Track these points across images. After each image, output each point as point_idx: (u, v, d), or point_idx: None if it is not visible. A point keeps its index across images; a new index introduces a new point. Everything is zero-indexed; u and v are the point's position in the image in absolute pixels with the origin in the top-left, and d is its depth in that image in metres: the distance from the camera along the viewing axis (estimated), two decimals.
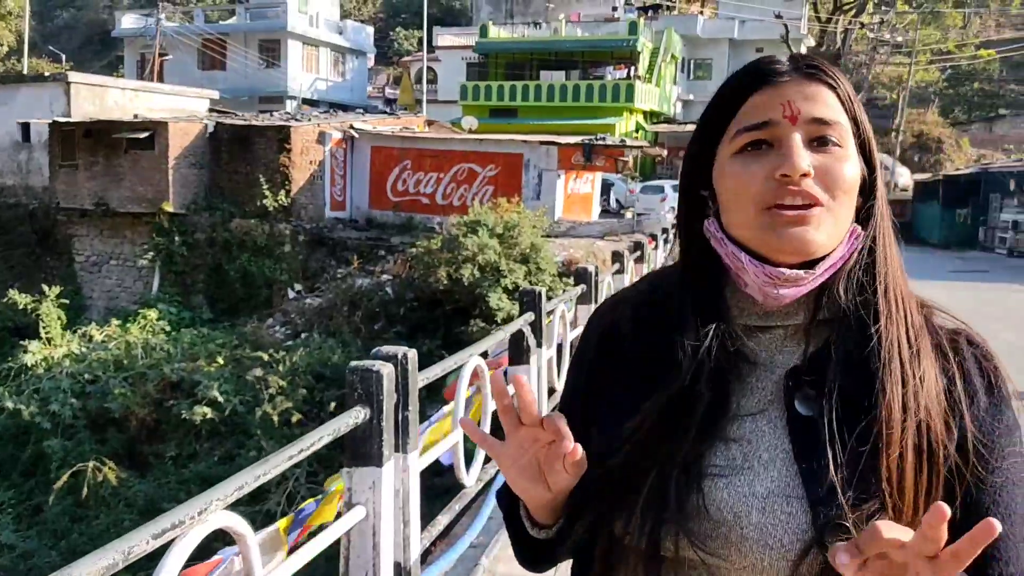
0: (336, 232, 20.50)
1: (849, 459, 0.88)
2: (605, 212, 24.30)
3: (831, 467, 0.87)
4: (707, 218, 0.98)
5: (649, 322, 1.00)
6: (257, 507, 11.34)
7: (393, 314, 17.05)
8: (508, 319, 14.78)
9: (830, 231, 0.92)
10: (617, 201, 29.14)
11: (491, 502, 4.01)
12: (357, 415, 2.44)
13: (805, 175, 0.90)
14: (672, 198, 30.18)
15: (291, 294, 19.58)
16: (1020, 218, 26.13)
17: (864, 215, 0.96)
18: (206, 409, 13.93)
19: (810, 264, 0.92)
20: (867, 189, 0.96)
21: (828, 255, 0.93)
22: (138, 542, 1.52)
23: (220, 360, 15.34)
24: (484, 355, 3.77)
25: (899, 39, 41.96)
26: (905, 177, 34.73)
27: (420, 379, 2.81)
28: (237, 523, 1.85)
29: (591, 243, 17.00)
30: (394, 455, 2.61)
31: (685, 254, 1.02)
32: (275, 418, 14.03)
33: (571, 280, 14.61)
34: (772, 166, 0.91)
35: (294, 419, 14.08)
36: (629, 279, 8.28)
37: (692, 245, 1.01)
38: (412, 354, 2.72)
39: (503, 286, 14.95)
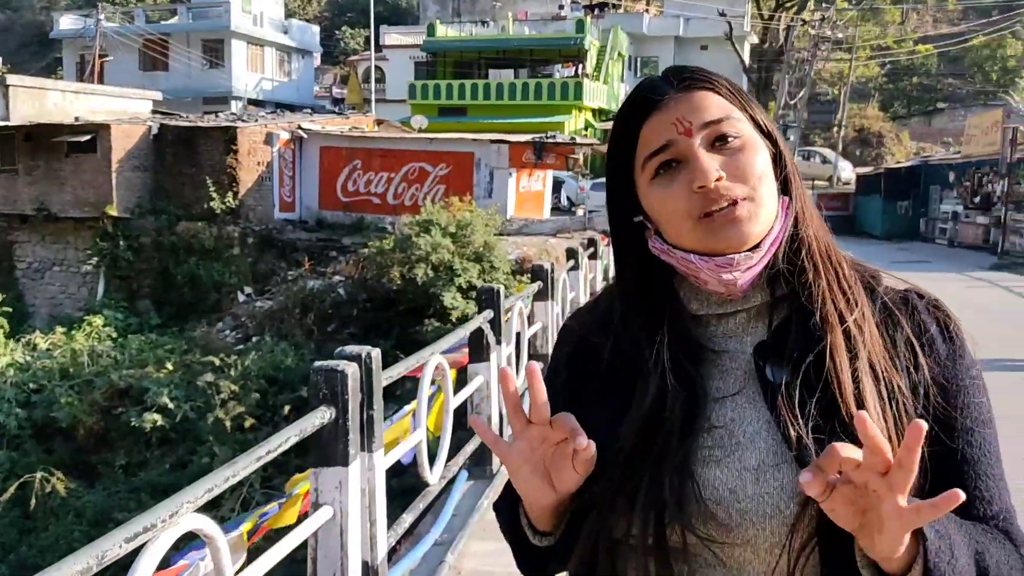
0: (286, 234, 20.27)
1: (821, 415, 0.92)
2: (556, 210, 24.41)
3: (806, 427, 0.91)
4: (649, 238, 1.03)
5: (615, 334, 1.04)
6: (211, 513, 11.21)
7: (346, 315, 16.94)
8: (463, 318, 14.78)
9: (761, 216, 0.97)
10: (568, 199, 29.28)
11: (454, 499, 4.03)
12: (323, 415, 2.44)
13: (719, 180, 0.95)
14: None
15: (241, 297, 19.31)
16: (959, 209, 26.84)
17: (782, 185, 1.01)
18: (156, 416, 13.70)
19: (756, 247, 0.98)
20: (779, 160, 1.01)
21: (768, 233, 0.98)
22: (111, 546, 1.51)
23: (169, 366, 15.10)
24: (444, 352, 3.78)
25: (840, 35, 42.78)
26: (848, 171, 35.45)
27: (383, 378, 2.82)
28: (207, 525, 1.85)
29: (544, 241, 17.07)
30: (360, 454, 2.61)
31: (622, 272, 1.07)
32: (228, 423, 13.85)
33: (524, 278, 14.69)
34: (688, 181, 0.96)
35: (247, 424, 13.93)
36: (584, 276, 8.35)
37: (629, 262, 1.06)
38: (376, 353, 2.73)
39: (457, 285, 14.94)
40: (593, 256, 9.45)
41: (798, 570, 0.92)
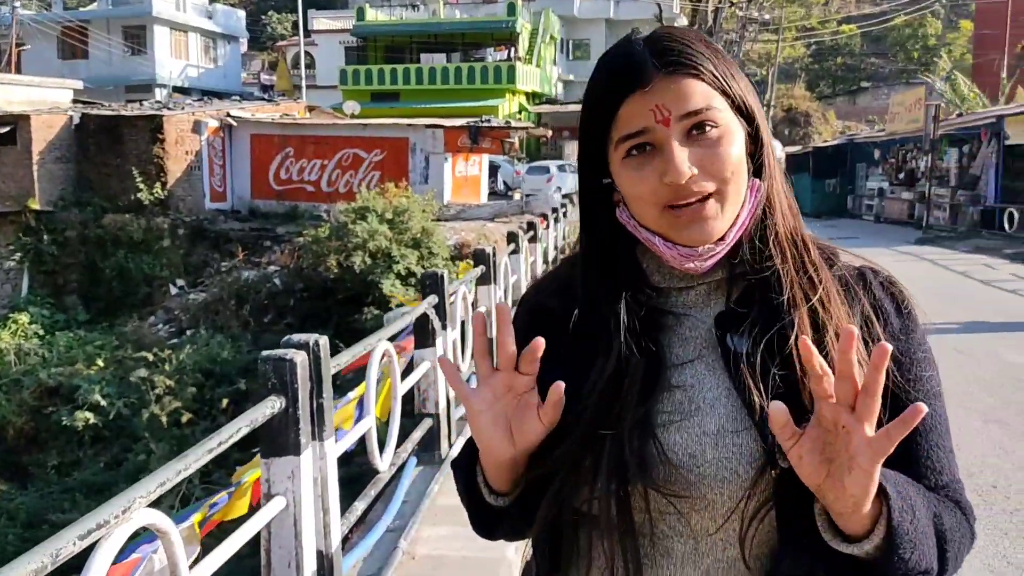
0: (218, 224, 19.85)
1: (782, 386, 0.93)
2: (493, 194, 24.39)
3: (766, 395, 0.93)
4: (617, 206, 1.03)
5: (574, 301, 1.04)
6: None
7: (283, 305, 16.70)
8: (402, 305, 14.70)
9: (727, 212, 0.97)
10: (504, 183, 29.28)
11: (404, 486, 4.02)
12: (273, 405, 2.40)
13: (690, 177, 0.95)
14: (558, 178, 30.55)
15: (173, 290, 18.89)
16: (884, 186, 27.61)
17: (756, 165, 1.02)
18: (88, 414, 13.35)
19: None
20: (755, 139, 1.01)
21: (734, 223, 0.99)
22: (65, 544, 1.46)
23: (100, 362, 14.72)
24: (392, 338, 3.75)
25: (766, 17, 43.47)
26: (779, 150, 35.97)
27: (332, 365, 2.78)
28: (161, 520, 1.80)
29: (482, 225, 17.05)
30: (312, 443, 2.58)
31: (589, 237, 1.07)
32: (164, 419, 13.56)
33: (464, 263, 14.65)
34: (659, 170, 0.95)
35: (184, 419, 13.65)
36: (525, 259, 8.36)
37: (595, 227, 1.06)
38: (324, 341, 2.69)
39: (395, 272, 14.84)
40: (533, 240, 9.46)
41: (751, 534, 0.94)
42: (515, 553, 3.58)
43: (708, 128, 0.96)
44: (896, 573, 0.88)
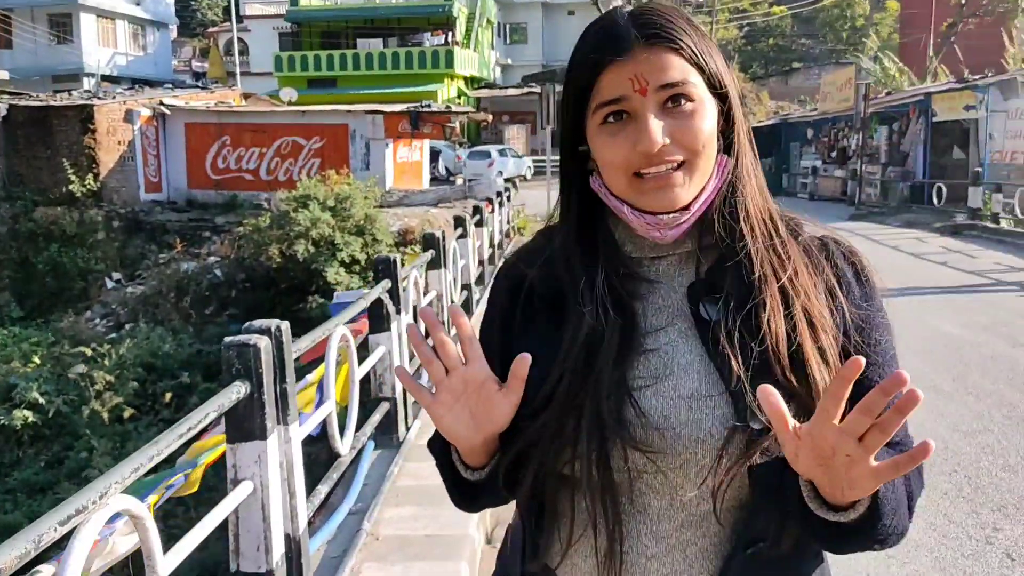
0: (154, 215, 19.44)
1: (751, 352, 0.99)
2: (434, 179, 24.30)
3: (737, 361, 0.98)
4: (590, 174, 1.08)
5: (552, 270, 1.08)
6: None
7: (224, 297, 16.46)
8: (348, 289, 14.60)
9: (694, 182, 1.02)
10: (446, 168, 29.19)
11: (364, 469, 4.04)
12: (239, 390, 2.41)
13: (663, 147, 0.99)
14: (499, 162, 30.56)
15: (109, 284, 18.47)
16: (818, 164, 28.20)
17: (726, 143, 1.07)
18: (26, 413, 13.01)
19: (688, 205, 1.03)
20: (726, 117, 1.06)
21: (700, 194, 1.03)
22: (46, 530, 1.48)
23: (36, 359, 14.35)
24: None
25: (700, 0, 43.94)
26: None
27: (293, 351, 2.80)
28: (135, 506, 1.81)
29: (425, 211, 17.00)
30: (277, 427, 2.59)
31: (568, 203, 1.11)
32: (105, 415, 13.30)
33: (408, 249, 14.61)
34: (632, 138, 1.00)
35: (126, 414, 13.40)
36: (472, 244, 8.39)
37: (573, 194, 1.10)
38: (285, 326, 2.70)
39: (339, 260, 14.73)
40: (479, 224, 9.49)
41: (723, 490, 0.99)
42: (477, 529, 3.64)
43: (683, 101, 1.00)
44: (877, 537, 0.94)
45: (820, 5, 51.54)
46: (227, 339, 2.51)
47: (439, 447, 1.10)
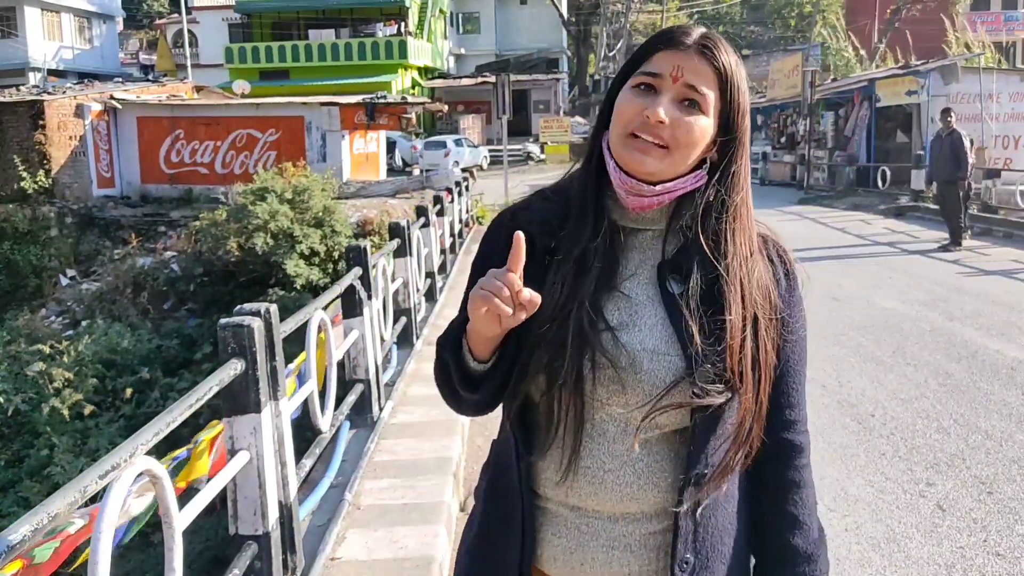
0: (107, 211, 19.27)
1: (705, 323, 1.24)
2: (391, 170, 24.38)
3: (694, 329, 1.23)
4: (604, 137, 1.31)
5: (548, 219, 1.32)
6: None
7: (183, 291, 16.41)
8: (307, 284, 14.69)
9: (665, 166, 1.25)
10: (403, 159, 29.24)
11: (342, 446, 4.25)
12: (235, 367, 2.62)
13: (661, 122, 1.23)
14: (455, 152, 30.69)
15: (64, 281, 18.29)
16: (768, 150, 28.78)
17: (724, 165, 1.29)
18: None
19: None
20: (728, 148, 1.28)
21: (667, 182, 1.27)
22: (89, 483, 1.69)
23: None
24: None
25: None
26: None
27: (281, 331, 3.00)
28: (155, 466, 2.03)
29: (383, 202, 17.13)
30: (269, 402, 2.80)
31: (588, 159, 1.35)
32: (65, 412, 13.25)
33: (367, 240, 14.71)
34: (644, 105, 1.24)
35: (87, 411, 13.36)
36: (434, 232, 8.60)
37: (594, 153, 1.33)
38: (274, 308, 2.91)
39: (299, 252, 14.77)
40: (440, 213, 9.69)
41: (651, 418, 1.22)
42: (452, 496, 3.88)
43: (696, 109, 1.24)
44: None
45: None
46: (223, 320, 2.71)
47: (452, 340, 1.31)
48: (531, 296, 1.18)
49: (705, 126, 1.25)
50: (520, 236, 1.19)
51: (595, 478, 1.26)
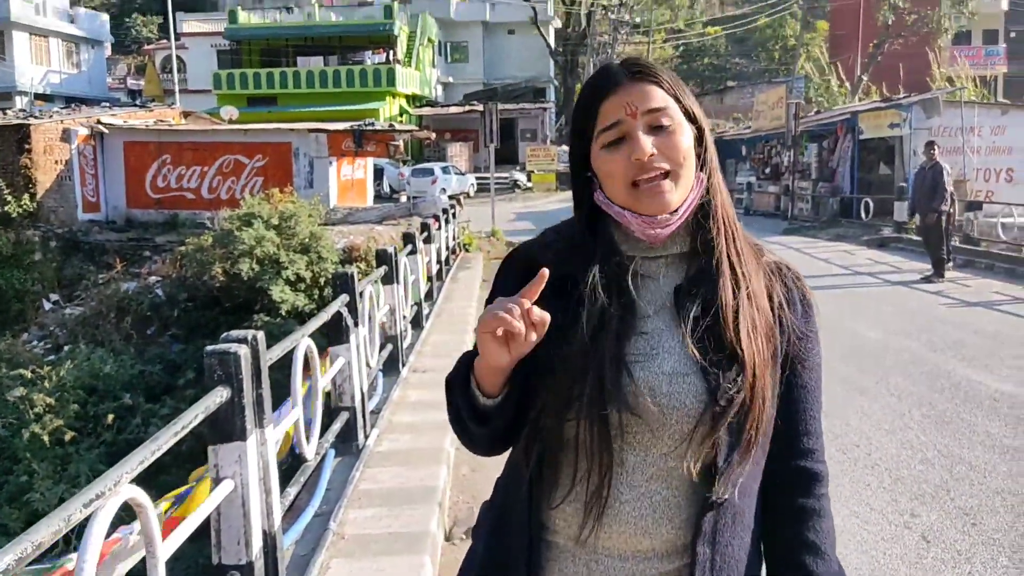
0: (92, 235, 19.19)
1: (716, 340, 1.25)
2: (378, 197, 24.42)
3: (706, 350, 1.25)
4: (595, 191, 1.34)
5: (561, 259, 1.32)
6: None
7: (167, 317, 16.32)
8: (293, 311, 14.65)
9: (681, 187, 1.29)
10: (390, 186, 29.31)
11: (327, 474, 4.23)
12: (221, 395, 2.61)
13: (651, 156, 1.26)
14: (442, 179, 30.78)
15: (47, 305, 18.17)
16: (752, 180, 29.02)
17: (701, 162, 1.33)
18: None
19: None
20: (700, 142, 1.32)
21: (685, 200, 1.30)
22: (73, 511, 1.68)
23: None
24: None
25: (637, 19, 44.87)
26: None
27: (267, 359, 3.00)
28: (139, 495, 2.01)
29: (370, 228, 17.13)
30: (255, 430, 2.79)
31: (579, 213, 1.37)
32: (46, 438, 13.10)
33: (353, 266, 14.70)
34: (627, 153, 1.27)
35: (67, 437, 13.23)
36: (421, 259, 8.61)
37: (583, 207, 1.36)
38: (261, 336, 2.90)
39: (284, 278, 14.73)
40: (427, 240, 9.71)
41: (700, 454, 1.23)
42: (437, 526, 3.86)
43: (665, 123, 1.28)
44: None
45: (753, 26, 53.00)
46: (209, 347, 2.70)
47: (461, 376, 1.32)
48: (541, 315, 1.19)
49: (685, 134, 1.29)
50: (545, 272, 1.20)
51: (611, 509, 1.25)
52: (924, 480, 4.87)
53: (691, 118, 1.32)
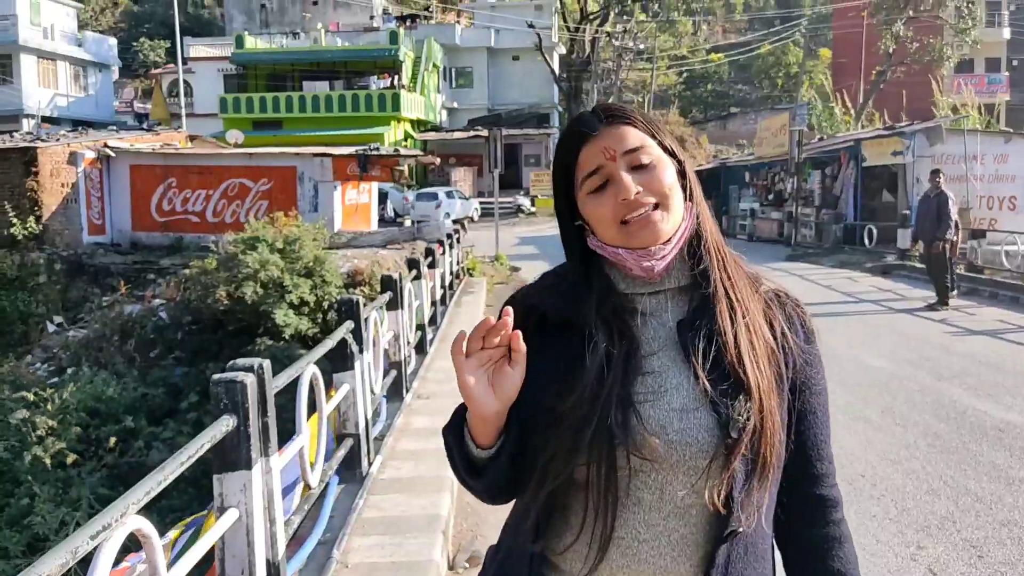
0: (97, 258, 19.25)
1: (722, 371, 1.26)
2: (382, 221, 24.49)
3: (714, 383, 1.24)
4: (588, 236, 1.35)
5: (561, 303, 1.33)
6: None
7: (170, 340, 16.32)
8: (296, 335, 14.65)
9: (671, 218, 1.30)
10: (394, 210, 29.42)
11: (330, 502, 4.21)
12: (227, 423, 2.61)
13: (637, 193, 1.28)
14: (446, 204, 30.89)
15: (51, 328, 18.19)
16: (755, 206, 29.08)
17: (687, 194, 1.34)
18: None
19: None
20: (682, 175, 1.34)
21: (677, 230, 1.31)
22: (80, 543, 1.67)
23: None
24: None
25: (640, 46, 45.17)
26: None
27: (273, 387, 3.00)
28: (145, 526, 2.01)
29: (374, 252, 17.15)
30: (260, 458, 2.79)
31: (571, 259, 1.38)
32: (47, 461, 13.06)
33: (357, 291, 14.72)
34: (614, 195, 1.29)
35: (69, 460, 13.19)
36: (426, 285, 8.63)
37: (573, 254, 1.38)
38: (267, 364, 2.90)
39: (288, 302, 14.75)
40: (432, 266, 9.72)
41: (716, 486, 1.22)
42: (441, 556, 3.84)
43: (645, 160, 1.29)
44: None
45: (756, 53, 53.35)
46: (215, 376, 2.71)
47: (455, 427, 1.33)
48: (520, 342, 1.21)
49: (666, 168, 1.31)
50: (509, 310, 1.23)
51: (629, 549, 1.24)
52: (930, 511, 4.84)
53: (670, 153, 1.34)
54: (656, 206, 1.29)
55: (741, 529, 1.25)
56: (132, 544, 2.25)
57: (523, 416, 1.27)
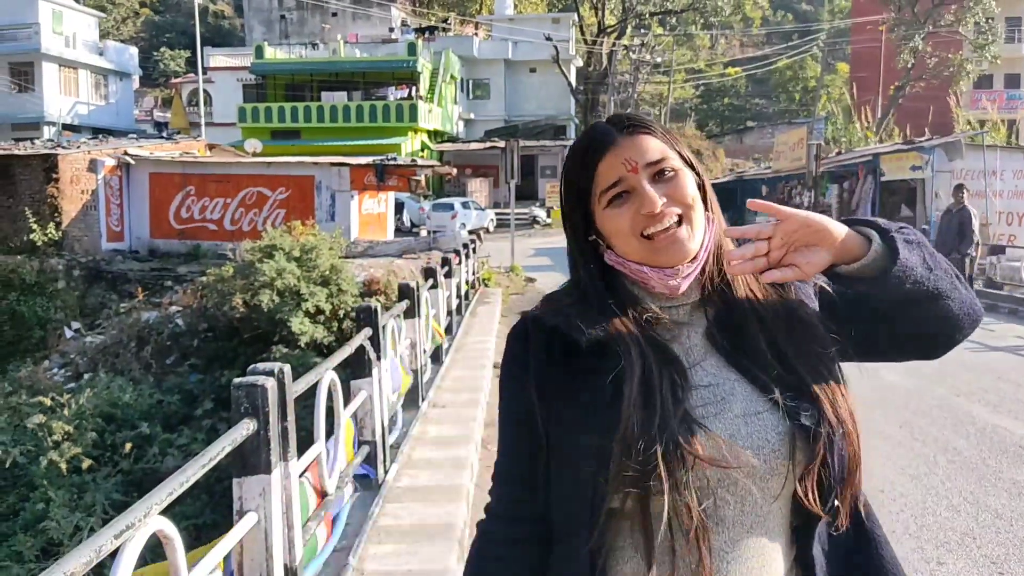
0: (115, 264, 19.40)
1: (771, 365, 1.23)
2: (398, 231, 24.57)
3: (767, 377, 1.22)
4: (604, 252, 1.31)
5: (589, 325, 1.25)
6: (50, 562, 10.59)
7: (186, 346, 16.39)
8: (312, 343, 14.69)
9: (695, 232, 1.27)
10: (410, 220, 29.51)
11: (346, 509, 4.21)
12: (247, 427, 2.62)
13: (663, 205, 1.24)
14: (462, 214, 30.95)
15: (69, 333, 18.32)
16: (773, 220, 28.97)
17: (705, 205, 1.31)
18: None
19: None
20: (700, 187, 1.31)
21: (701, 245, 1.28)
22: (104, 542, 1.68)
23: None
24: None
25: (658, 59, 45.21)
26: None
27: (293, 391, 3.00)
28: (168, 527, 2.01)
29: (390, 262, 17.19)
30: (279, 463, 2.79)
31: (586, 276, 1.32)
32: (63, 466, 13.13)
33: (373, 299, 14.75)
34: (636, 207, 1.24)
35: (85, 465, 13.24)
36: (442, 294, 8.64)
37: (588, 271, 1.32)
38: (287, 369, 2.91)
39: (304, 310, 14.79)
40: (448, 275, 9.74)
41: (806, 486, 1.18)
42: (457, 563, 3.82)
43: (667, 171, 1.27)
44: (909, 277, 1.24)
45: (773, 67, 53.29)
46: (236, 380, 2.72)
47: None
48: None
49: (686, 176, 1.28)
50: None
51: (718, 573, 1.18)
52: (951, 527, 4.79)
53: (687, 163, 1.31)
54: (680, 220, 1.25)
55: (834, 531, 1.22)
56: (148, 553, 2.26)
57: (561, 467, 1.24)
